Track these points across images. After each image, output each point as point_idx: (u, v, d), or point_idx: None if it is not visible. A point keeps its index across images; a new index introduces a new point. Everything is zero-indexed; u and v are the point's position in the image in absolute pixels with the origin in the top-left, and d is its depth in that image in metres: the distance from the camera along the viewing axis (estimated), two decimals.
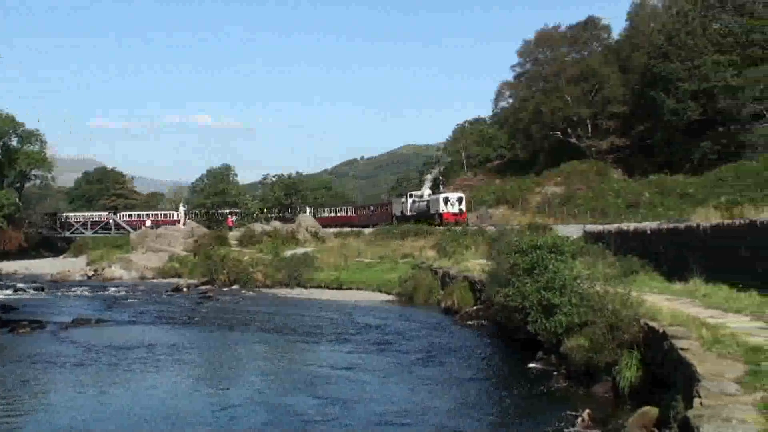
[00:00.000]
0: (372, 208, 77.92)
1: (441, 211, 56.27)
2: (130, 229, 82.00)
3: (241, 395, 15.23)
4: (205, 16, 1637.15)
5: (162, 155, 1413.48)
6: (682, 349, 11.06)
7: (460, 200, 57.43)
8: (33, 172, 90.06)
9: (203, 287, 41.78)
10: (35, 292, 41.84)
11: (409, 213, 63.51)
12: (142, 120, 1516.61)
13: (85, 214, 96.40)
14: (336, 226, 67.26)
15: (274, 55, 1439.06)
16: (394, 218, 65.86)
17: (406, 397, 14.73)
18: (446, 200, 57.22)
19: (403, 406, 13.99)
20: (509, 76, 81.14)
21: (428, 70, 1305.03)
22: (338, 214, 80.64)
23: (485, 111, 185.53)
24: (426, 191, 64.50)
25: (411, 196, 65.67)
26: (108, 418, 13.58)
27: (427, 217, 57.81)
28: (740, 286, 16.51)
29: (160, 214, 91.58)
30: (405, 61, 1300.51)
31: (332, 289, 37.50)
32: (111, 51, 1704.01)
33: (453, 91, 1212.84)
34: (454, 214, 55.46)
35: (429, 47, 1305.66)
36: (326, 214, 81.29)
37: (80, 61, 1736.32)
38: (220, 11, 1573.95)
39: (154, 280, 48.82)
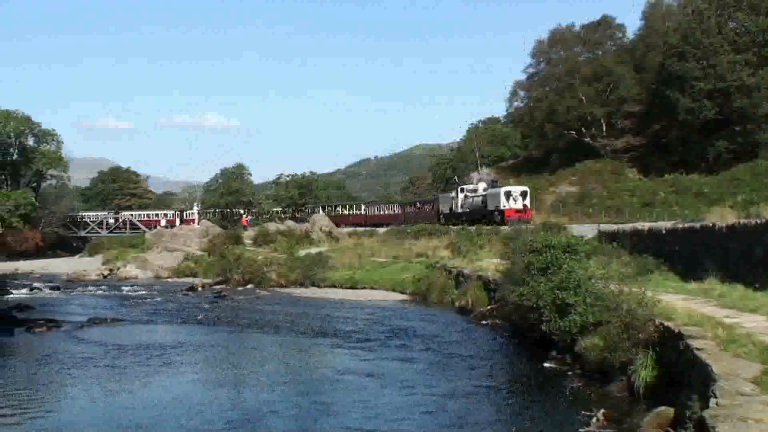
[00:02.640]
0: (418, 204, 70.14)
1: (502, 208, 48.53)
2: (145, 228, 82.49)
3: (252, 397, 15.28)
4: (212, 14, 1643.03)
5: (173, 155, 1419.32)
6: (697, 348, 11.06)
7: (524, 194, 49.61)
8: (49, 171, 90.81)
9: (218, 287, 41.92)
10: (51, 291, 42.10)
11: (459, 210, 56.11)
12: (153, 120, 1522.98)
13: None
14: (385, 225, 62.67)
15: (285, 55, 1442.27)
16: (441, 216, 58.62)
17: (419, 397, 14.75)
18: (508, 195, 49.13)
19: (417, 405, 14.02)
20: (522, 76, 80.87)
21: (442, 67, 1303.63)
22: (386, 212, 74.35)
23: (499, 110, 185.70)
24: (481, 185, 56.72)
25: (462, 190, 57.44)
26: (121, 417, 13.68)
27: (483, 215, 50.36)
28: (756, 285, 16.46)
29: (183, 213, 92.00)
30: (417, 58, 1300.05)
31: (346, 288, 37.51)
32: (117, 50, 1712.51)
33: (466, 88, 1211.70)
34: (518, 211, 47.74)
35: (443, 43, 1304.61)
36: (377, 212, 76.34)
37: (87, 60, 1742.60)
38: (229, 8, 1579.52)
39: (170, 280, 49.03)
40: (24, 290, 41.73)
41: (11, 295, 38.41)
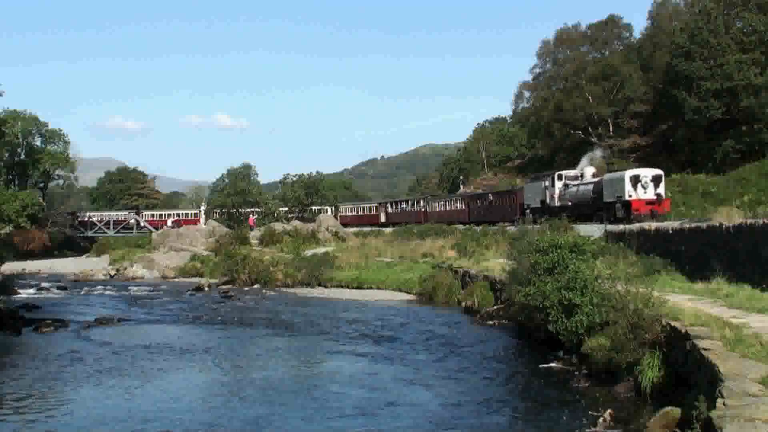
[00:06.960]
0: (490, 197, 58.00)
1: (627, 198, 35.80)
2: (152, 228, 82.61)
3: (258, 398, 15.30)
4: (221, 13, 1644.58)
5: (181, 155, 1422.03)
6: (704, 349, 11.03)
7: (657, 180, 36.35)
8: (56, 172, 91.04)
9: (224, 287, 41.94)
10: (58, 291, 42.24)
11: (558, 203, 43.83)
12: (161, 120, 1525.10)
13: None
14: (450, 223, 54.25)
15: (294, 53, 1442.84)
16: (527, 210, 47.40)
17: (425, 396, 14.78)
18: (636, 180, 36.05)
19: (423, 405, 14.03)
20: (528, 77, 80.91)
21: (450, 65, 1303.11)
22: (448, 208, 64.50)
23: (506, 110, 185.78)
24: (588, 170, 44.14)
25: (561, 177, 44.80)
26: (127, 417, 13.75)
27: (597, 209, 38.68)
28: (763, 286, 16.41)
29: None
30: (422, 57, 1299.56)
31: (353, 288, 37.53)
32: (125, 49, 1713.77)
33: (474, 88, 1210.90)
34: (650, 203, 35.60)
35: (447, 43, 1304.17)
36: (438, 208, 67.07)
37: (97, 59, 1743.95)
38: (237, 7, 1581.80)
39: (176, 280, 49.11)
40: (31, 290, 41.88)
41: (19, 295, 38.53)
